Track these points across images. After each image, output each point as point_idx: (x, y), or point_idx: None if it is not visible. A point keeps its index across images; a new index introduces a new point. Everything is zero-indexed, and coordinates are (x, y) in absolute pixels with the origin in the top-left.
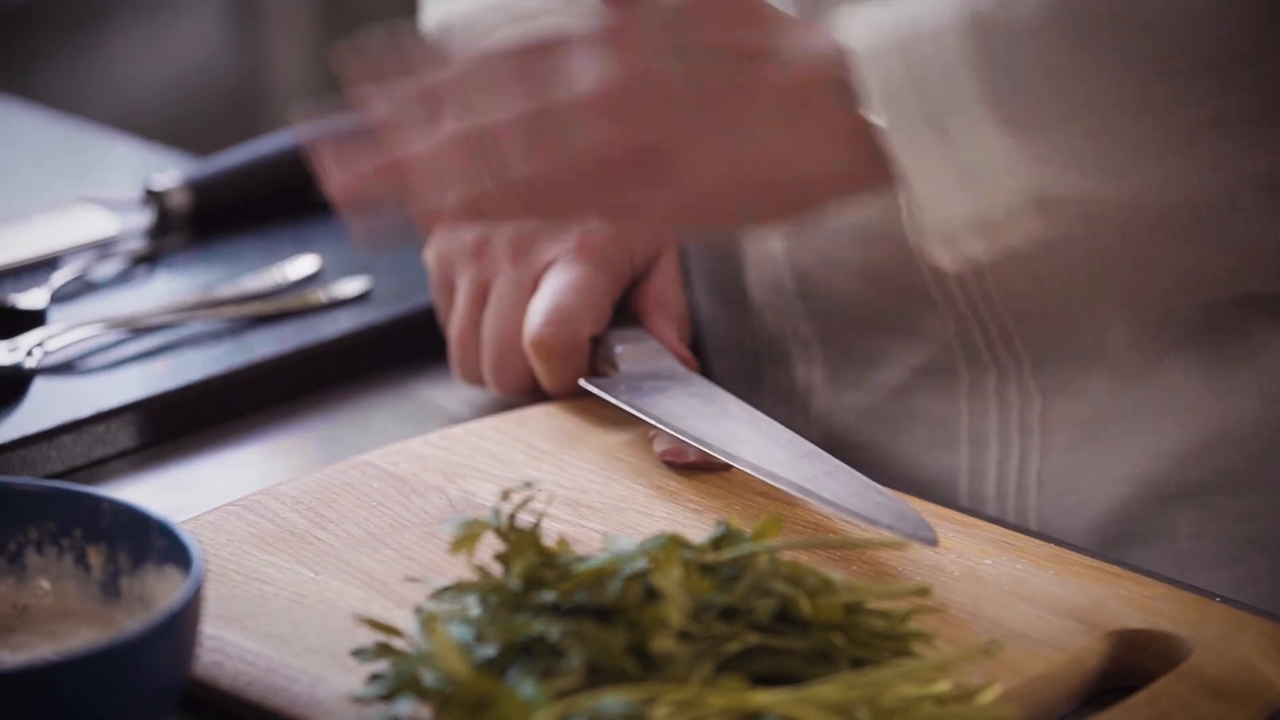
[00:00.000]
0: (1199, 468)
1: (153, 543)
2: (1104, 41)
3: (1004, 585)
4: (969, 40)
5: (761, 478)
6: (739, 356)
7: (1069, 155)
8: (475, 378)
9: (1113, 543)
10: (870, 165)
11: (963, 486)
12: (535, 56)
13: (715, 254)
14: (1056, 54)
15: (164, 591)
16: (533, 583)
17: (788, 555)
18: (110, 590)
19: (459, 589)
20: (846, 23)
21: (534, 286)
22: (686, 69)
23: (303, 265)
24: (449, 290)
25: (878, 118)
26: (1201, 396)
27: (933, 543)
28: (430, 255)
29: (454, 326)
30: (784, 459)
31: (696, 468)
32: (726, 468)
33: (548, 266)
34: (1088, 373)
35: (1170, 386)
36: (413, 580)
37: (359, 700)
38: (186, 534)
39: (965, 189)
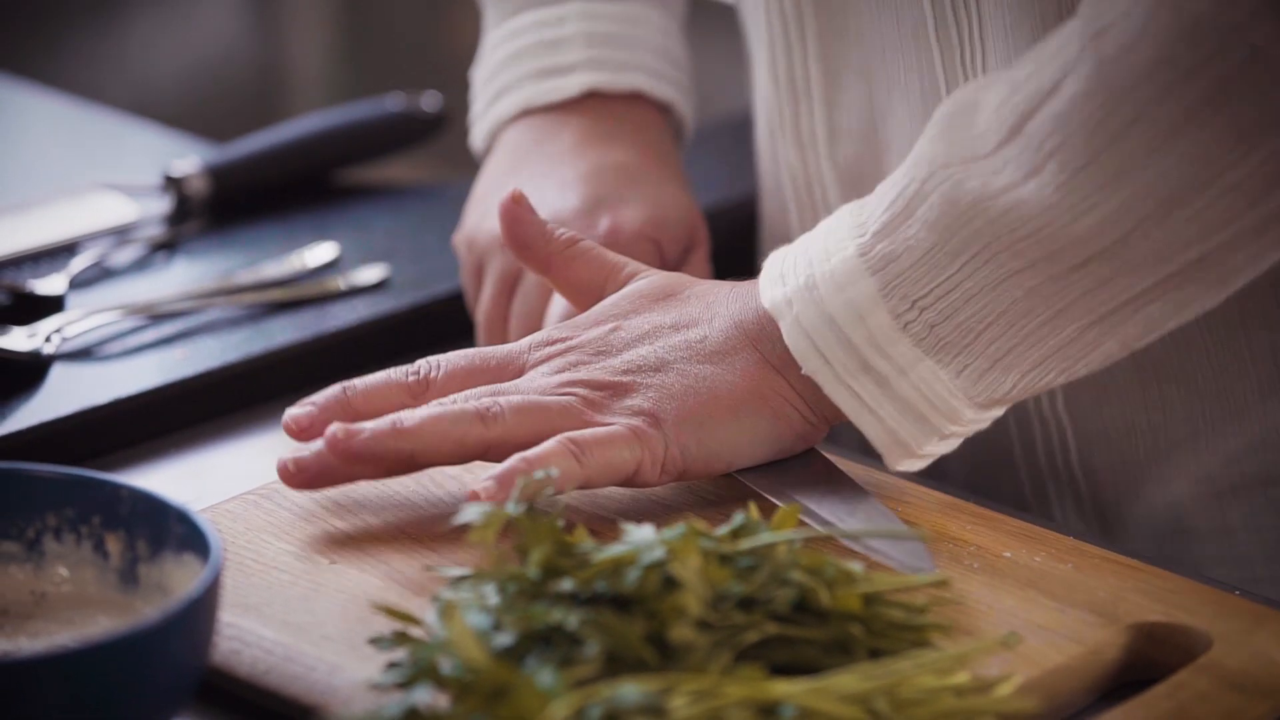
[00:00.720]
0: (1255, 463)
1: (171, 530)
2: (1000, 257)
3: (1023, 577)
4: (871, 280)
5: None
6: None
7: (1005, 363)
8: None
9: (1169, 539)
10: (823, 416)
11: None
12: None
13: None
14: (957, 274)
15: (182, 579)
16: (551, 572)
17: (806, 546)
18: (128, 578)
19: (477, 577)
20: (763, 282)
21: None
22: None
23: (322, 252)
24: (478, 277)
25: (812, 373)
26: (1258, 394)
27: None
28: (460, 241)
29: (481, 313)
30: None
31: None
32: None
33: None
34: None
35: (1227, 387)
36: (431, 569)
37: (376, 688)
38: (205, 522)
39: (915, 420)
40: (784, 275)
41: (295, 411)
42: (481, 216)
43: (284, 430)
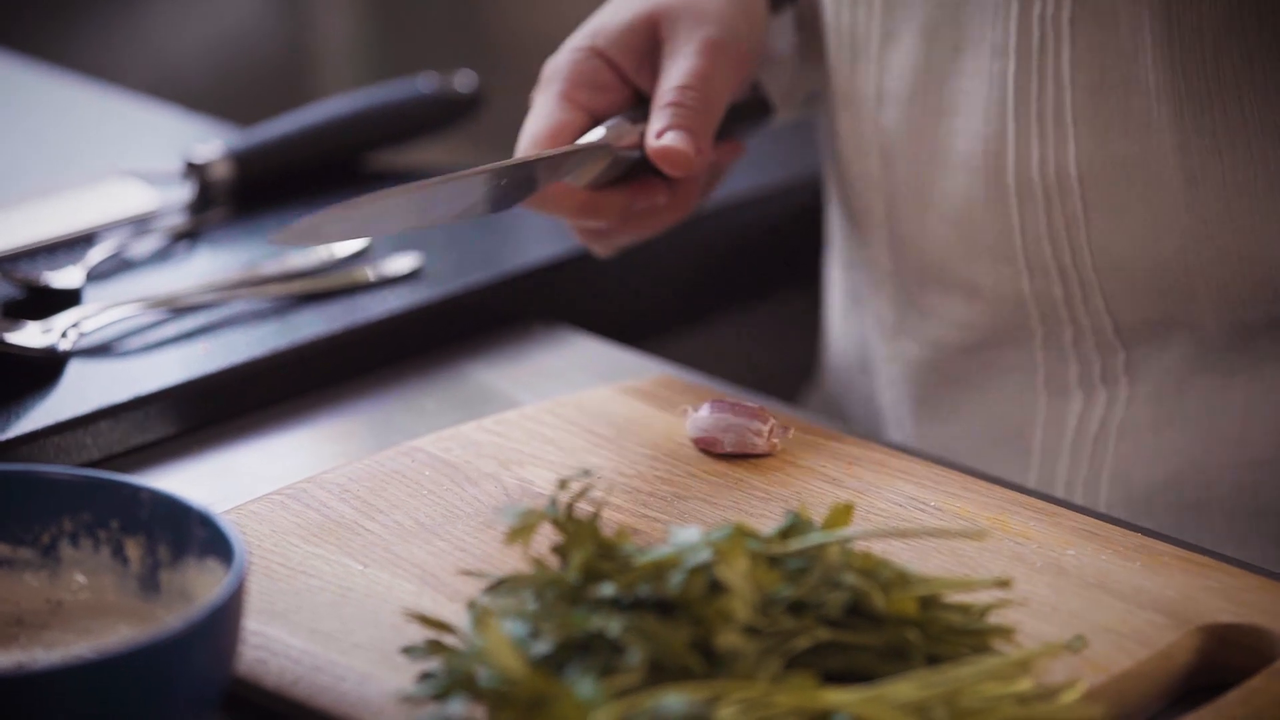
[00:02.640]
0: None
1: (194, 534)
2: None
3: (1088, 577)
4: None
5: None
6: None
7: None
8: None
9: (1190, 505)
10: None
11: (1037, 439)
12: None
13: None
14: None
15: (205, 585)
16: (592, 575)
17: (860, 546)
18: (149, 584)
19: (514, 582)
20: None
21: None
22: None
23: (350, 241)
24: None
25: None
26: None
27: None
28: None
29: None
30: None
31: (732, 456)
32: (766, 454)
33: None
34: (1172, 333)
35: (1260, 354)
36: (466, 573)
37: (409, 700)
38: (229, 525)
39: None
40: None
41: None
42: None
43: None
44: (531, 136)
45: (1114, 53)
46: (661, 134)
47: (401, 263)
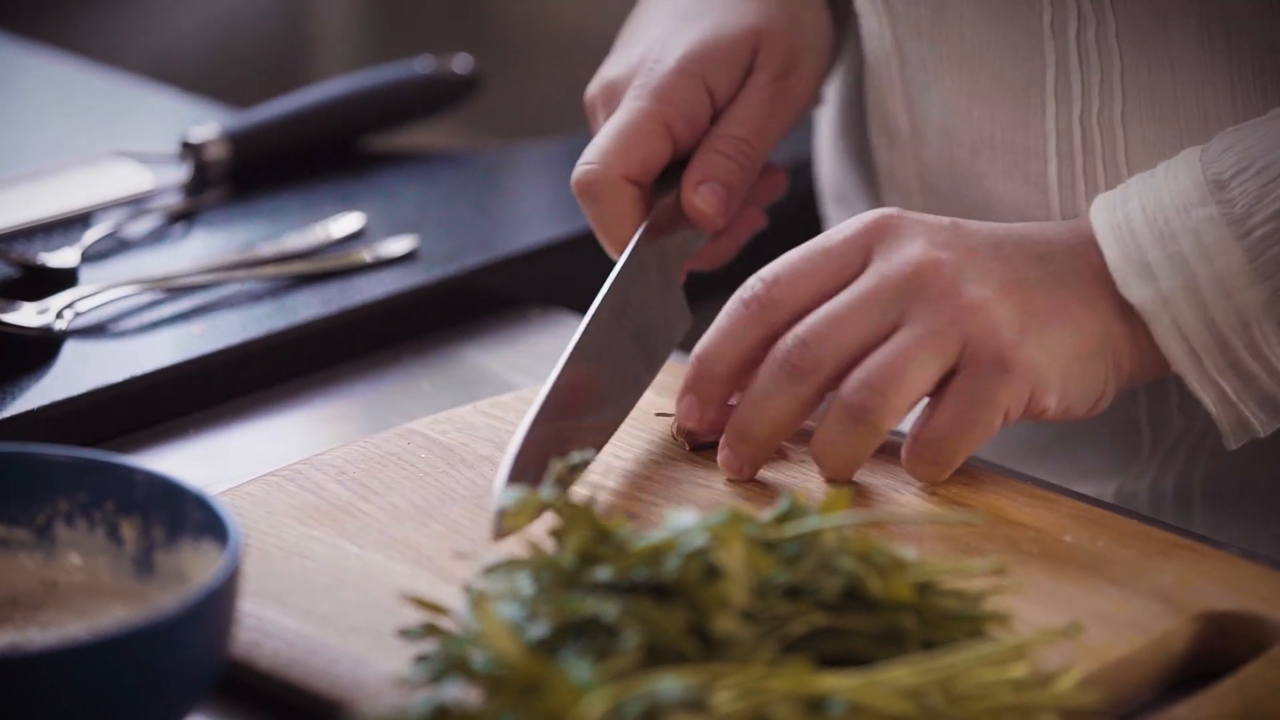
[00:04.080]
0: None
1: (189, 516)
2: None
3: (1084, 563)
4: (1262, 287)
5: None
6: None
7: None
8: None
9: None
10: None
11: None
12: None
13: None
14: None
15: (200, 567)
16: (587, 559)
17: (856, 531)
18: (144, 565)
19: (510, 565)
20: (1121, 269)
21: None
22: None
23: (347, 223)
24: None
25: (1181, 371)
26: None
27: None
28: (596, 93)
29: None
30: None
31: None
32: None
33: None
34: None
35: None
36: (462, 556)
37: (404, 683)
38: (224, 506)
39: (1272, 411)
40: (1150, 267)
41: (687, 425)
42: (618, 66)
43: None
44: (612, 154)
45: (1175, 145)
46: (699, 185)
47: (398, 245)
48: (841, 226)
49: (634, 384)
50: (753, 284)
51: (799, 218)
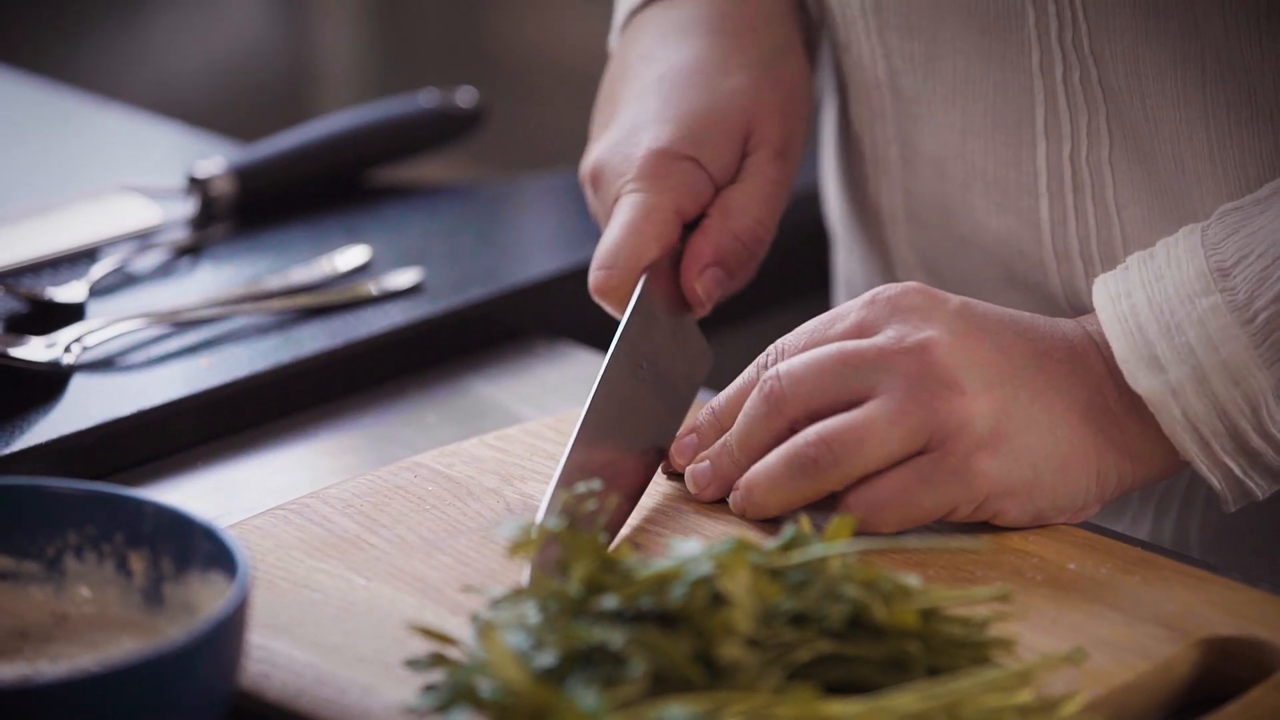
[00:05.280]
0: None
1: (197, 548)
2: None
3: (1088, 590)
4: (1269, 372)
5: None
6: None
7: None
8: None
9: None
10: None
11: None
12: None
13: None
14: None
15: (209, 599)
16: (594, 588)
17: (860, 559)
18: (153, 597)
19: (517, 595)
20: (1129, 361)
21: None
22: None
23: (353, 256)
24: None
25: (1190, 458)
26: None
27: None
28: (586, 175)
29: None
30: None
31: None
32: None
33: (619, 197)
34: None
35: None
36: (470, 589)
37: (412, 712)
38: (232, 538)
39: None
40: (1158, 359)
41: (694, 470)
42: (608, 145)
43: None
44: (626, 254)
45: (1161, 188)
46: (700, 275)
47: (403, 277)
48: (855, 310)
49: (659, 436)
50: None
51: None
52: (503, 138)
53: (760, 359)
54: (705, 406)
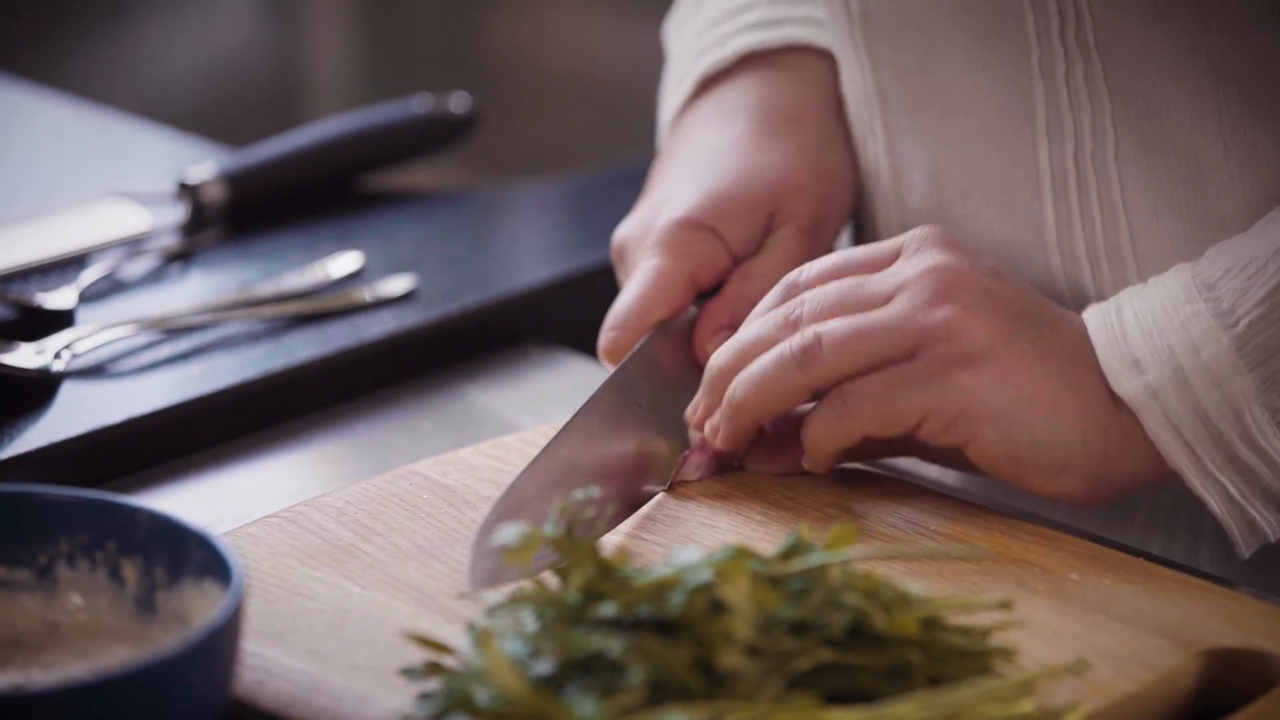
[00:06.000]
0: None
1: (191, 555)
2: None
3: (1090, 601)
4: (1250, 376)
5: None
6: None
7: None
8: None
9: None
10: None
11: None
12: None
13: None
14: None
15: (203, 607)
16: (592, 596)
17: (861, 568)
18: (146, 606)
19: (514, 602)
20: (1112, 365)
21: None
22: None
23: (345, 262)
24: None
25: (1178, 467)
26: None
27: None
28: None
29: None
30: None
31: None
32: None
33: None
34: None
35: None
36: (465, 596)
37: None
38: (226, 545)
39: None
40: (1139, 361)
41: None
42: (635, 220)
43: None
44: (635, 317)
45: (1171, 182)
46: (713, 336)
47: (396, 284)
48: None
49: (656, 471)
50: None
51: None
52: (497, 143)
53: (783, 297)
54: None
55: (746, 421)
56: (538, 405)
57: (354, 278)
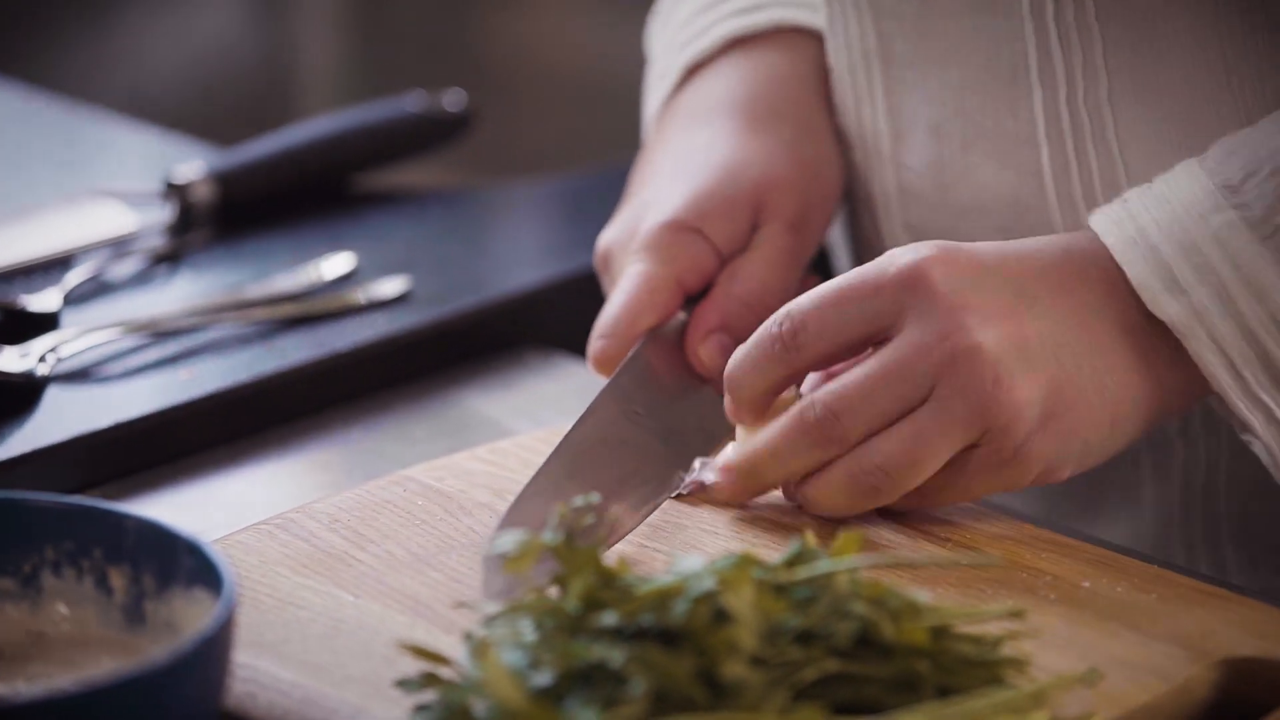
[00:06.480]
0: None
1: (180, 563)
2: None
3: (1103, 609)
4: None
5: None
6: None
7: None
8: None
9: None
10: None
11: (1147, 497)
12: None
13: None
14: None
15: (192, 616)
16: (592, 605)
17: (869, 575)
18: (134, 615)
19: (512, 611)
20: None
21: None
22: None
23: (337, 264)
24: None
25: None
26: None
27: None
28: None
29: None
30: None
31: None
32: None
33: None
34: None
35: None
36: (462, 605)
37: None
38: (217, 553)
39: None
40: (1178, 281)
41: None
42: (617, 226)
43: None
44: (624, 324)
45: (1168, 117)
46: (710, 335)
47: (390, 286)
48: (863, 278)
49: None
50: (779, 324)
51: None
52: (492, 142)
53: (775, 330)
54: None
55: (764, 489)
56: (534, 410)
57: (346, 279)
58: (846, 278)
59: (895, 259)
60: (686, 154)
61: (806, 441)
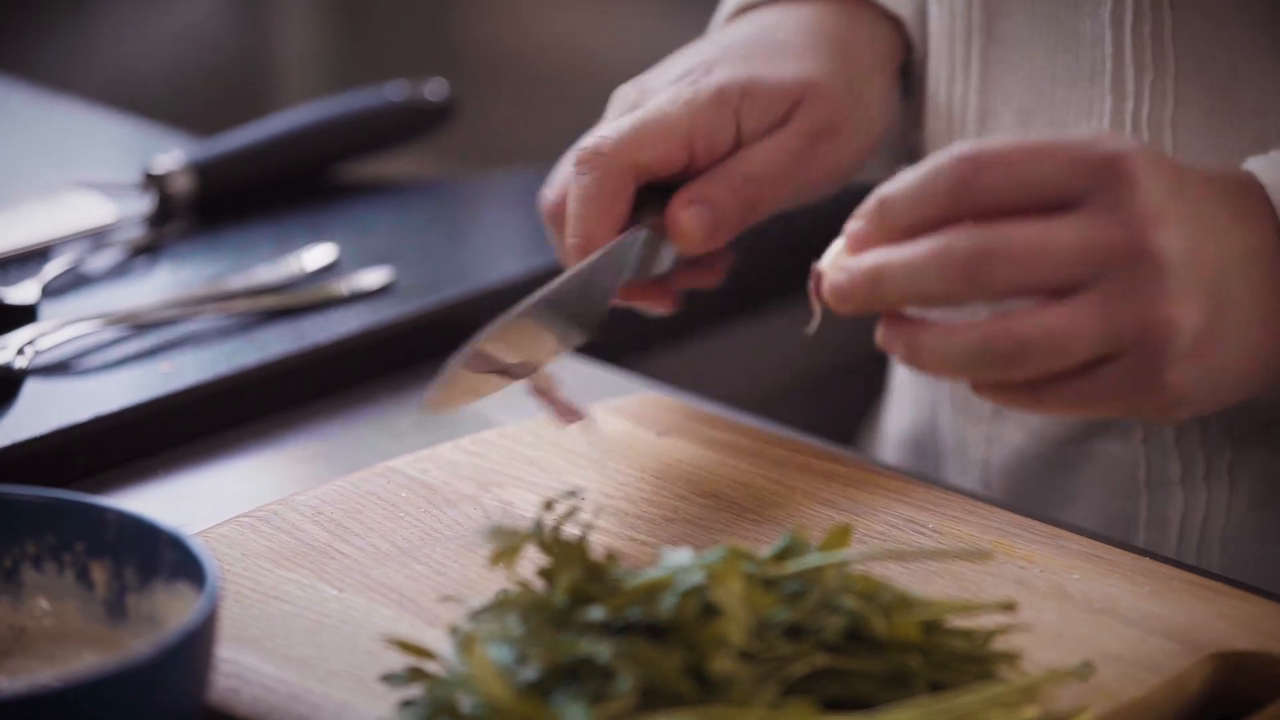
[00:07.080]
0: None
1: (163, 557)
2: None
3: (1094, 602)
4: None
5: None
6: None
7: None
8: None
9: None
10: None
11: (1140, 537)
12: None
13: None
14: None
15: (175, 610)
16: (580, 599)
17: (859, 569)
18: (116, 609)
19: (499, 606)
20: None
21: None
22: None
23: (319, 255)
24: None
25: None
26: None
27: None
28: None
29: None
30: None
31: (696, 476)
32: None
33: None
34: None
35: None
36: (447, 599)
37: None
38: (200, 546)
39: None
40: None
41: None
42: (666, 72)
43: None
44: (630, 138)
45: (1230, 149)
46: (692, 203)
47: (372, 277)
48: (1066, 145)
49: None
50: (964, 157)
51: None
52: (475, 132)
53: (952, 161)
54: (875, 199)
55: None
56: (519, 402)
57: (328, 271)
58: (1045, 138)
59: (1100, 139)
60: (754, 42)
61: (947, 267)
